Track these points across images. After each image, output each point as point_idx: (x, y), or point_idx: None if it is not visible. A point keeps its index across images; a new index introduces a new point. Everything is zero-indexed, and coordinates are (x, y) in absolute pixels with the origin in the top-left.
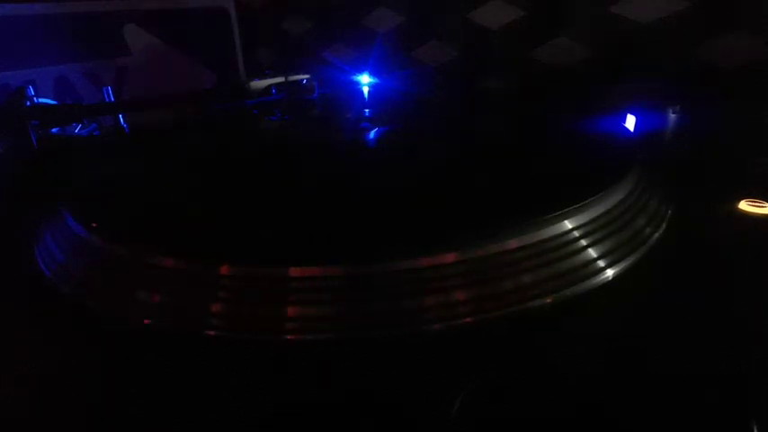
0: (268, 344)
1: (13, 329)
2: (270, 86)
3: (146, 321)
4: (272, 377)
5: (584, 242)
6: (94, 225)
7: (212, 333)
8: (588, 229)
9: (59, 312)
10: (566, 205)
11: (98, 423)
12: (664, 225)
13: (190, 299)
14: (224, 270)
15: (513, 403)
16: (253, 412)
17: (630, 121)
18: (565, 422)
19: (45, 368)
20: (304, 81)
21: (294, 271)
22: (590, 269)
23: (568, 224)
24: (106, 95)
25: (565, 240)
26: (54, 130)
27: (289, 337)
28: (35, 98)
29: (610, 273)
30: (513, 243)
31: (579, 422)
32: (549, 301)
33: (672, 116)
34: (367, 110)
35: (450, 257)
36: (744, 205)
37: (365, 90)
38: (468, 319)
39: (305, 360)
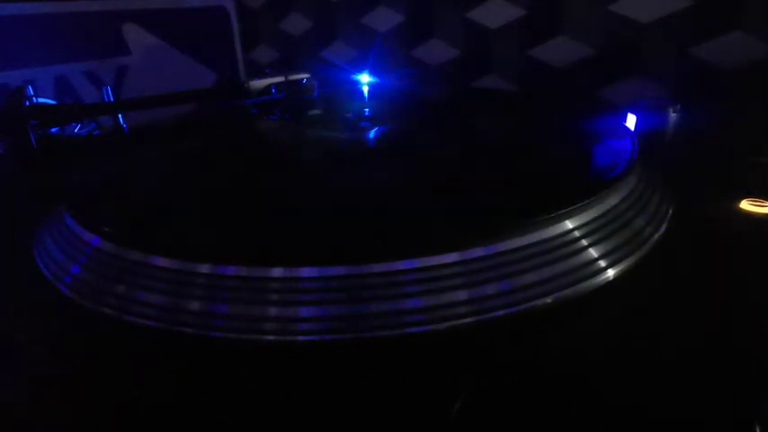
0: (268, 345)
1: (14, 330)
2: (270, 86)
3: (146, 322)
4: (273, 378)
5: (584, 242)
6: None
7: (212, 334)
8: (589, 229)
9: (59, 312)
10: (566, 205)
11: (98, 423)
12: (664, 225)
13: (190, 300)
14: (223, 271)
15: (514, 403)
16: (253, 413)
17: (631, 121)
18: (565, 422)
19: (45, 368)
20: (304, 81)
21: (293, 271)
22: (591, 269)
23: (569, 224)
24: (106, 95)
25: (565, 240)
26: (53, 129)
27: (288, 338)
28: (35, 98)
29: (610, 273)
30: (513, 243)
31: (580, 422)
32: (549, 301)
33: (672, 116)
34: (367, 109)
35: (450, 257)
36: (744, 205)
37: (365, 90)
38: (468, 320)
39: (305, 361)
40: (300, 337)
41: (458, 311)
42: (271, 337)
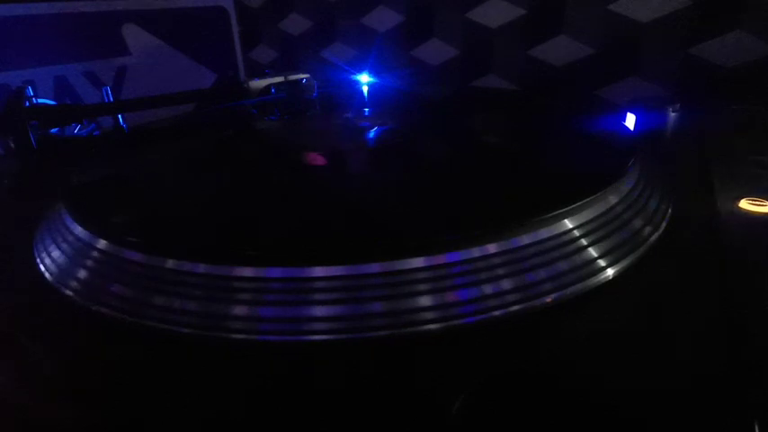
0: (267, 345)
1: (13, 330)
2: (269, 86)
3: (146, 322)
4: (272, 378)
5: (584, 241)
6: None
7: (211, 334)
8: (588, 229)
9: (59, 312)
10: (565, 204)
11: (98, 423)
12: (664, 224)
13: (189, 300)
14: (221, 271)
15: (513, 403)
16: (252, 413)
17: (630, 120)
18: (565, 422)
19: (45, 368)
20: (304, 81)
21: (292, 272)
22: (590, 269)
23: (568, 223)
24: (105, 96)
25: (565, 240)
26: (53, 130)
27: (287, 338)
28: (34, 98)
29: (610, 272)
30: (511, 242)
31: (579, 422)
32: (549, 301)
33: (672, 115)
34: (367, 109)
35: (449, 257)
36: (744, 204)
37: (365, 90)
38: (466, 320)
39: (304, 361)
40: (295, 338)
41: (456, 312)
42: (275, 338)
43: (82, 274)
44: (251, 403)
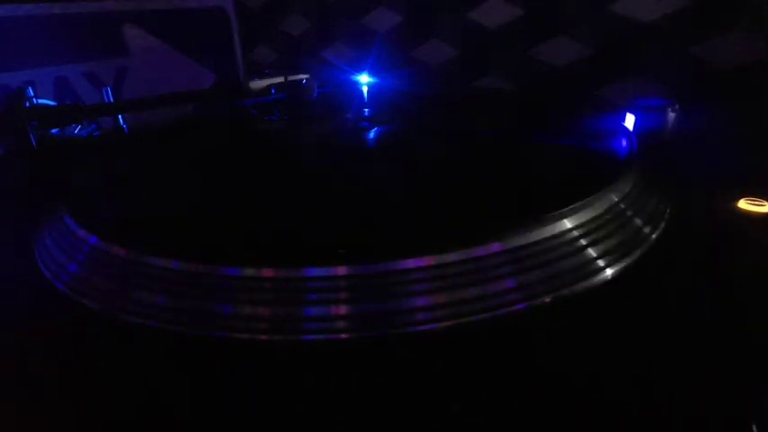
0: (266, 345)
1: (13, 329)
2: (269, 87)
3: (146, 322)
4: (271, 378)
5: (583, 241)
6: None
7: (210, 334)
8: (587, 229)
9: (59, 312)
10: (565, 204)
11: (98, 423)
12: (663, 224)
13: (189, 300)
14: (221, 271)
15: (513, 403)
16: (251, 413)
17: (630, 121)
18: (564, 422)
19: (45, 368)
20: (304, 81)
21: (292, 272)
22: (589, 268)
23: (567, 223)
24: (105, 96)
25: (564, 240)
26: (54, 130)
27: (287, 338)
28: (34, 99)
29: (609, 272)
30: (511, 242)
31: (579, 422)
32: (548, 300)
33: (671, 116)
34: (366, 110)
35: (449, 257)
36: (744, 204)
37: (365, 90)
38: (465, 319)
39: (304, 361)
40: (295, 338)
41: (455, 311)
42: (270, 337)
43: (81, 273)
44: (254, 404)
